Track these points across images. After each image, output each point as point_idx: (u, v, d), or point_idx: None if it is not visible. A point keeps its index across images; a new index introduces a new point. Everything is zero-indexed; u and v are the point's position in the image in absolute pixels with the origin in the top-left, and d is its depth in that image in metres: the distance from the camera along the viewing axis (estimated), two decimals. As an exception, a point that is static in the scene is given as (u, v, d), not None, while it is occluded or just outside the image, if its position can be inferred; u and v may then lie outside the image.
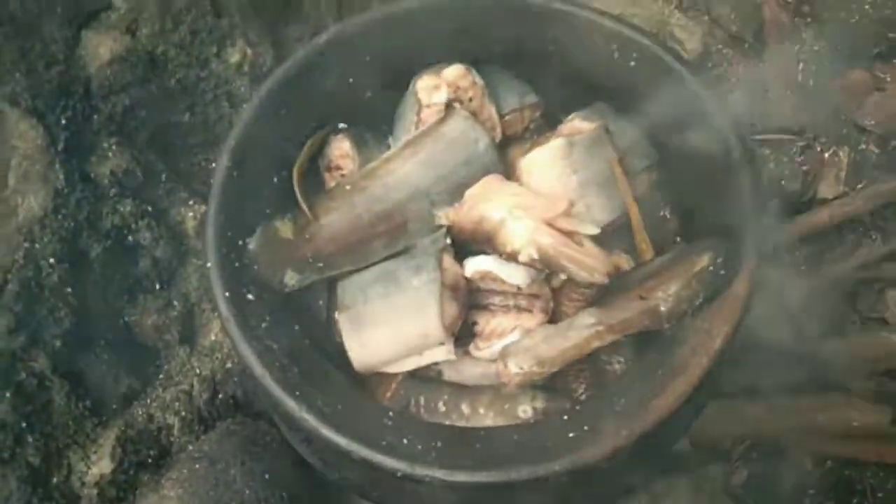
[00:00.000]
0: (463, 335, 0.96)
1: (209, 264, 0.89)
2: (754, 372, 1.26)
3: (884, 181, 1.53)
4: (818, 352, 1.34)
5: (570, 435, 0.79)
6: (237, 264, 0.91)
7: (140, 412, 1.05)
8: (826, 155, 1.60)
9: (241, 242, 0.93)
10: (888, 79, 1.62)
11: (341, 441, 0.80)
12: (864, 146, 1.61)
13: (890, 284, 1.47)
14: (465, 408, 0.91)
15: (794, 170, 1.60)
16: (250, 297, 0.89)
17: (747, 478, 1.36)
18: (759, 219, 0.84)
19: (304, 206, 0.97)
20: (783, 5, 1.72)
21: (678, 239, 1.00)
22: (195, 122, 1.26)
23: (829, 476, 1.38)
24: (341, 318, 0.93)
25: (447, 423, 0.90)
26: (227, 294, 0.88)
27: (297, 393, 0.83)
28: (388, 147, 1.07)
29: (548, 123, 1.10)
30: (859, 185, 1.55)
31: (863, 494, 1.37)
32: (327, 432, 0.80)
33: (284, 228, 0.96)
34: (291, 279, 0.94)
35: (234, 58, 1.32)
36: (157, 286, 1.11)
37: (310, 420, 0.81)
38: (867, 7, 1.62)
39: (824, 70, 1.66)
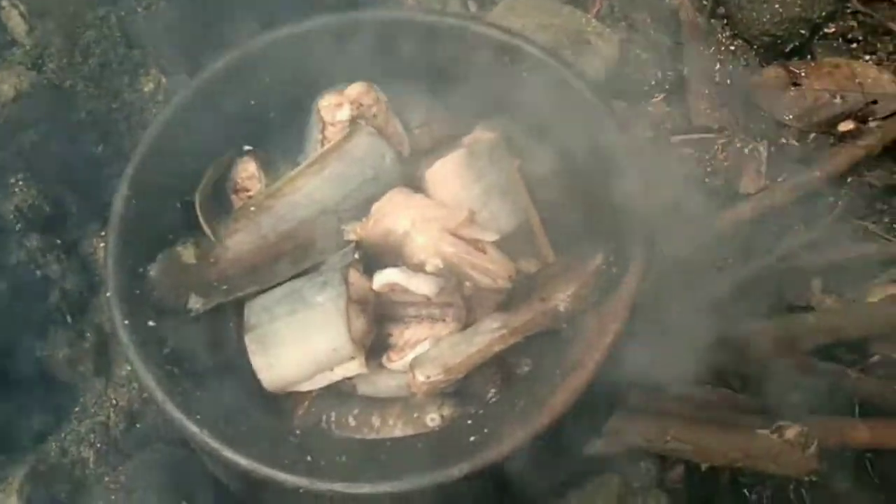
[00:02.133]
0: (377, 349, 0.97)
1: (108, 293, 0.89)
2: (677, 360, 1.27)
3: (803, 173, 1.57)
4: (740, 335, 1.37)
5: (471, 439, 0.80)
6: (138, 291, 0.91)
7: (53, 447, 1.04)
8: (746, 151, 1.64)
9: (141, 270, 0.93)
10: (803, 74, 1.67)
11: (242, 461, 0.80)
12: (783, 140, 1.65)
13: (814, 273, 1.50)
14: (375, 420, 0.91)
15: (716, 166, 1.63)
16: (151, 323, 0.89)
17: (684, 472, 1.37)
18: (645, 220, 0.86)
19: (207, 229, 0.97)
20: (698, 8, 1.76)
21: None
22: (108, 152, 1.25)
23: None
24: (248, 339, 0.93)
25: (357, 436, 0.90)
26: (126, 322, 0.87)
27: (199, 416, 0.83)
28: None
29: (456, 136, 1.11)
30: (780, 179, 1.59)
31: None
32: (228, 453, 0.80)
33: (187, 253, 0.96)
34: (196, 303, 0.94)
35: (148, 87, 1.32)
36: (69, 318, 1.10)
37: (210, 443, 0.81)
38: (777, 6, 1.67)
39: (740, 68, 1.70)
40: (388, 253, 0.98)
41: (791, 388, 1.38)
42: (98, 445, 1.05)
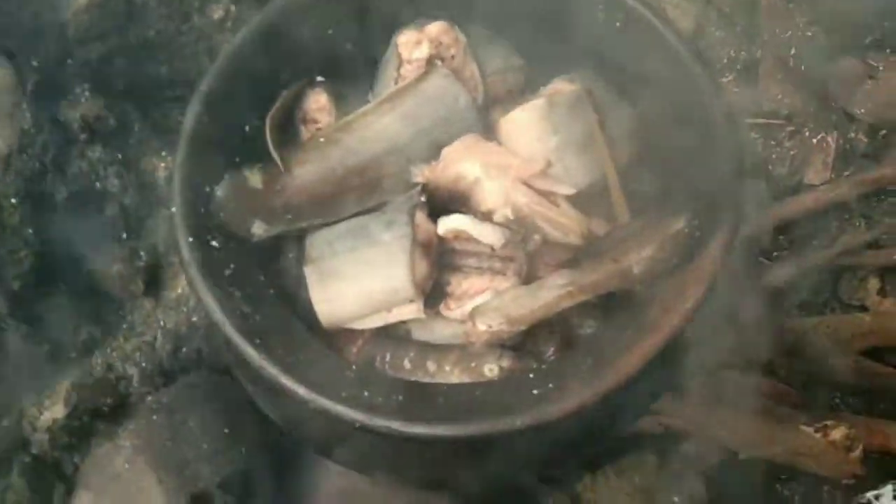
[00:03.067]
0: (434, 296, 0.94)
1: (174, 208, 0.87)
2: (726, 350, 1.25)
3: (871, 169, 1.53)
4: (793, 330, 1.34)
5: (535, 392, 0.77)
6: (203, 210, 0.89)
7: (99, 361, 1.03)
8: (814, 141, 1.59)
9: (208, 189, 0.91)
10: (881, 68, 1.61)
11: (299, 390, 0.78)
12: (853, 134, 1.60)
13: (871, 272, 1.47)
14: (430, 365, 0.89)
15: (781, 154, 1.59)
16: (215, 243, 0.87)
17: (721, 459, 1.34)
18: (737, 184, 0.83)
19: (276, 156, 0.95)
20: (778, -12, 1.70)
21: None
22: (174, 75, 1.24)
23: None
24: (308, 271, 0.91)
25: (412, 379, 0.88)
26: (190, 239, 0.86)
27: (258, 341, 0.81)
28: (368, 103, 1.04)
29: (532, 87, 1.08)
30: (846, 173, 1.54)
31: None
32: (286, 381, 0.79)
33: (254, 178, 0.94)
34: (259, 229, 0.92)
35: (217, 14, 1.30)
36: (124, 235, 1.09)
37: (268, 368, 0.79)
38: (863, -6, 1.61)
39: (816, 56, 1.64)
40: (455, 199, 0.95)
41: (840, 387, 1.35)
42: (143, 364, 1.04)
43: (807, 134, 1.60)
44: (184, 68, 1.25)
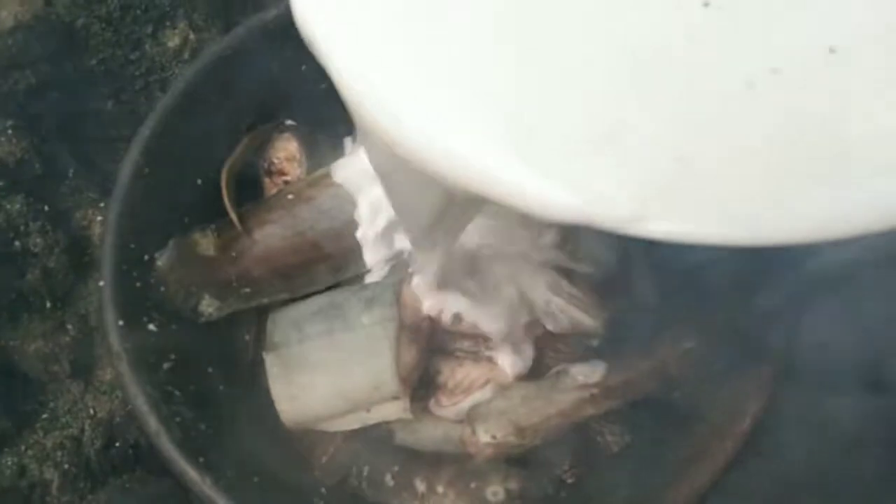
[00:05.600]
0: (422, 387, 0.78)
1: (102, 282, 0.70)
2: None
3: None
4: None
5: (554, 536, 0.61)
6: (139, 284, 0.72)
7: (9, 462, 0.84)
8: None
9: (147, 257, 0.74)
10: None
11: (253, 529, 0.61)
12: None
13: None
14: (419, 484, 0.72)
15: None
16: (152, 327, 0.71)
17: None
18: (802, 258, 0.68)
19: (233, 216, 0.79)
20: None
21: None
22: (120, 111, 1.06)
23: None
24: (269, 360, 0.74)
25: (395, 503, 0.71)
26: (120, 322, 0.69)
27: (201, 459, 0.64)
28: (345, 151, 0.90)
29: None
30: None
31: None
32: (236, 515, 0.61)
33: (205, 242, 0.77)
34: (209, 306, 0.75)
35: (173, 41, 1.13)
36: (48, 304, 0.90)
37: (215, 497, 0.62)
38: None
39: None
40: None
41: None
42: (66, 466, 0.85)
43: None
44: (132, 104, 1.08)
